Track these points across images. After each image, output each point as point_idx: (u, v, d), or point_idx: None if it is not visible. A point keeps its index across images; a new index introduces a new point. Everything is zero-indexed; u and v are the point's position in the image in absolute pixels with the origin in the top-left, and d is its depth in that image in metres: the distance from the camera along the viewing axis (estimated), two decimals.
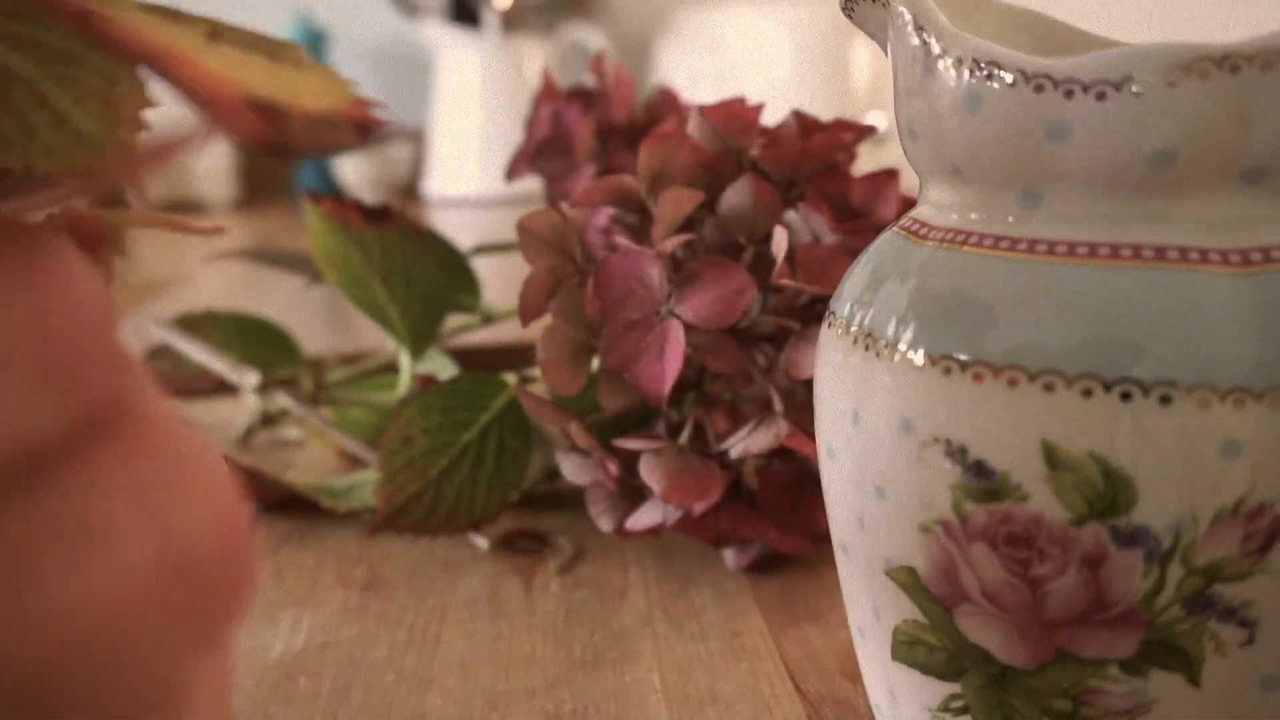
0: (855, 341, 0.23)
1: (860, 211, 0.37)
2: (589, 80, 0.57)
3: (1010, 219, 0.22)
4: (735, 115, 0.37)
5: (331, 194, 0.51)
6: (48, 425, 0.11)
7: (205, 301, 0.63)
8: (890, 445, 0.22)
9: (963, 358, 0.21)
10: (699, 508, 0.35)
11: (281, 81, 0.13)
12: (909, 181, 0.31)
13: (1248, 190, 0.20)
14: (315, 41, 1.53)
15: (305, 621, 0.36)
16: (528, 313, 0.36)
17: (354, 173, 1.51)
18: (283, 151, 0.13)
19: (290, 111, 0.12)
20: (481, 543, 0.42)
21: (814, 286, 0.34)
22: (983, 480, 0.20)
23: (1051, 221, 0.21)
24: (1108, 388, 0.19)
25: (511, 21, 1.44)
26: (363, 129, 0.14)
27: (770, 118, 0.39)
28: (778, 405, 0.35)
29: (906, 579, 0.22)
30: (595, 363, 0.36)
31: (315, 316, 0.78)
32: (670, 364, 0.33)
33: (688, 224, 0.36)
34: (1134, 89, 0.20)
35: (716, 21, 1.40)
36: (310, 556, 0.41)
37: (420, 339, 0.47)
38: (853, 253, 0.35)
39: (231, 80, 0.12)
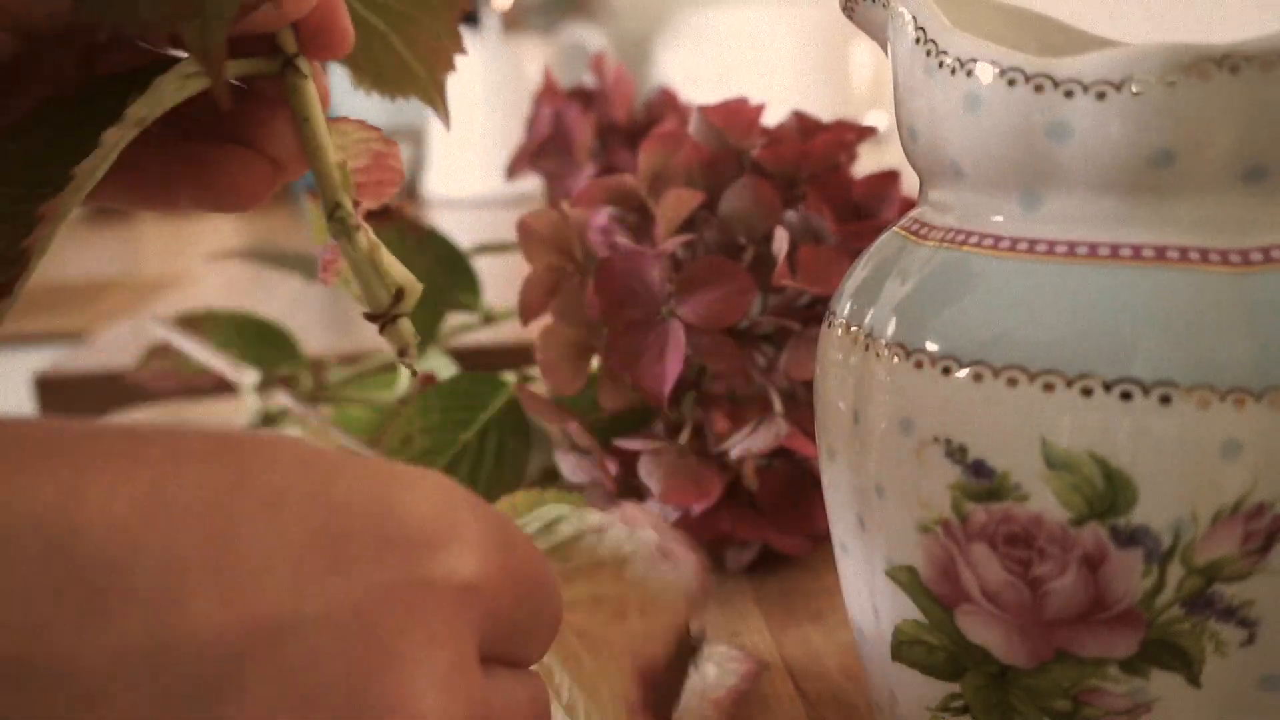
0: (855, 341, 0.23)
1: (861, 212, 0.37)
2: (589, 80, 0.57)
3: (1010, 219, 0.22)
4: (735, 115, 0.37)
5: None
6: None
7: (205, 301, 0.62)
8: (890, 445, 0.22)
9: (963, 357, 0.21)
10: (698, 508, 0.35)
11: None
12: (909, 181, 0.31)
13: (1248, 190, 0.20)
14: None
15: None
16: (528, 313, 0.36)
17: None
18: None
19: None
20: None
21: (814, 287, 0.34)
22: (982, 480, 0.20)
23: (1051, 221, 0.21)
24: (1108, 387, 0.19)
25: (511, 21, 1.44)
26: None
27: (770, 118, 0.39)
28: (778, 405, 0.35)
29: (906, 579, 0.22)
30: (595, 363, 0.36)
31: (315, 316, 0.77)
32: (670, 364, 0.33)
33: (688, 224, 0.36)
34: (1134, 89, 0.20)
35: (716, 21, 1.40)
36: None
37: (420, 338, 0.47)
38: (853, 253, 0.35)
39: None
